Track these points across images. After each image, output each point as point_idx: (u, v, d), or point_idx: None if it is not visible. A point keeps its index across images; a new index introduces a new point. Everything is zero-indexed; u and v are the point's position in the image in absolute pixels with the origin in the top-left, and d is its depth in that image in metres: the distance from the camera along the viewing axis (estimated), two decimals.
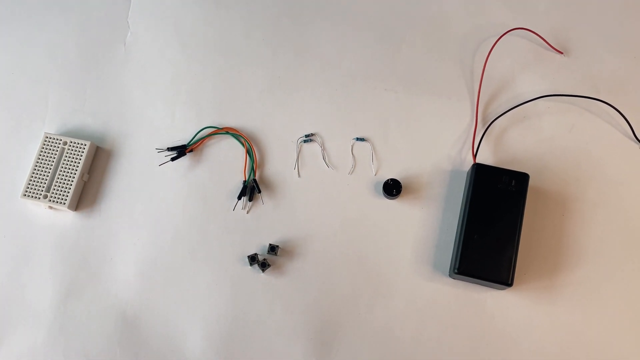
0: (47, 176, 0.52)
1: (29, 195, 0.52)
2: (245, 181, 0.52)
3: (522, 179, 0.48)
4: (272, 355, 0.48)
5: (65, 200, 0.51)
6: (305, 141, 0.54)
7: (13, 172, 0.54)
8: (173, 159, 0.53)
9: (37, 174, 0.52)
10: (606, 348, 0.46)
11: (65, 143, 0.53)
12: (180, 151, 0.53)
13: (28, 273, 0.51)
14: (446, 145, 0.53)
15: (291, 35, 0.57)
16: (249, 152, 0.53)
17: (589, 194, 0.51)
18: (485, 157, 0.52)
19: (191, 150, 0.53)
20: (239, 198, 0.52)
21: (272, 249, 0.50)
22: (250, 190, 0.52)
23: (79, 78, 0.57)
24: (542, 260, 0.49)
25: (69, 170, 0.52)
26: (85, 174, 0.53)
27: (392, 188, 0.50)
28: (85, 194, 0.53)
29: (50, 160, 0.52)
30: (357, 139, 0.53)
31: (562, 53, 0.55)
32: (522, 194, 0.48)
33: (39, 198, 0.51)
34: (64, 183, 0.52)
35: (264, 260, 0.49)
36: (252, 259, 0.49)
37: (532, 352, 0.47)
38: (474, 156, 0.51)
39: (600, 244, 0.49)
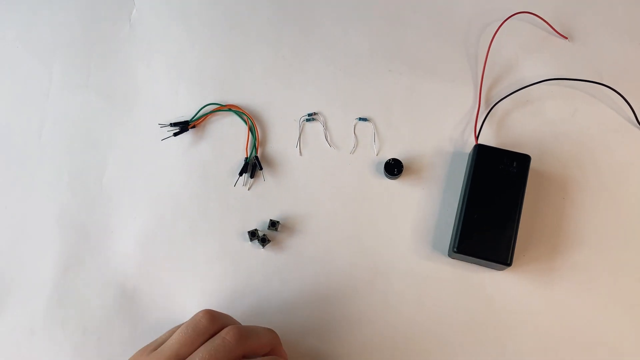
0: None
1: None
2: (247, 158, 0.52)
3: (523, 160, 0.48)
4: None
5: None
6: (307, 120, 0.54)
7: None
8: (176, 134, 0.53)
9: None
10: (603, 331, 0.46)
11: None
12: (183, 127, 0.53)
13: (28, 245, 0.51)
14: (448, 127, 0.53)
15: (297, 15, 0.57)
16: (252, 130, 0.53)
17: (590, 178, 0.51)
18: (488, 140, 0.52)
19: (194, 126, 0.53)
20: (240, 174, 0.52)
21: (273, 224, 0.50)
22: (252, 167, 0.52)
23: (83, 53, 0.57)
24: (542, 243, 0.49)
25: None
26: None
27: (393, 167, 0.51)
28: None
29: None
30: (360, 119, 0.53)
31: (566, 38, 0.55)
32: (523, 176, 0.48)
33: None
34: None
35: (264, 235, 0.49)
36: (252, 234, 0.50)
37: (529, 332, 0.47)
38: (476, 138, 0.51)
39: (600, 228, 0.49)
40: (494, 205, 0.47)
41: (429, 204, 0.51)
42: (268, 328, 0.42)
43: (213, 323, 0.40)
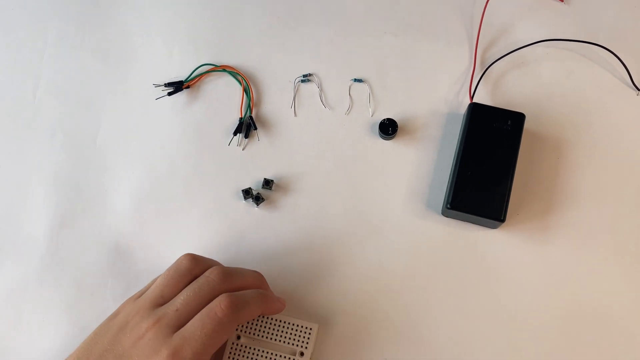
0: None
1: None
2: (241, 118, 0.52)
3: (518, 118, 0.48)
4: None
5: None
6: (302, 81, 0.54)
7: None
8: (170, 94, 0.53)
9: None
10: (596, 287, 0.46)
11: None
12: (177, 87, 0.53)
13: (22, 203, 0.51)
14: (443, 88, 0.53)
15: None
16: (246, 91, 0.53)
17: (585, 139, 0.51)
18: (483, 101, 0.51)
19: (188, 87, 0.53)
20: (235, 134, 0.52)
21: (267, 183, 0.50)
22: (246, 127, 0.52)
23: (78, 14, 0.57)
24: (536, 202, 0.49)
25: None
26: None
27: (387, 127, 0.50)
28: None
29: None
30: (355, 80, 0.53)
31: (562, 1, 0.55)
32: (518, 134, 0.48)
33: None
34: None
35: (258, 194, 0.49)
36: (247, 192, 0.49)
37: (522, 289, 0.47)
38: (471, 98, 0.51)
39: (594, 187, 0.49)
40: (488, 163, 0.47)
41: (423, 164, 0.51)
42: (254, 270, 0.42)
43: (195, 265, 0.40)
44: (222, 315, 0.37)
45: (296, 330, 0.45)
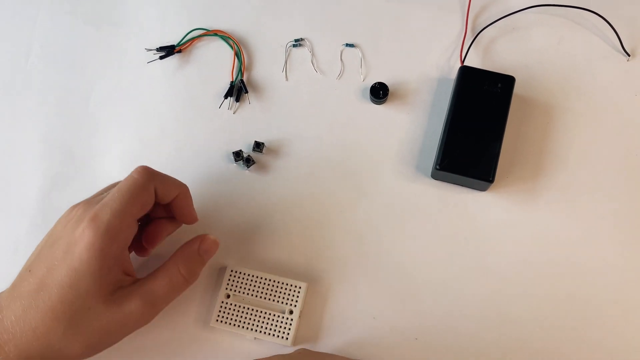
0: None
1: None
2: (232, 82, 0.52)
3: (508, 81, 0.48)
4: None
5: None
6: (294, 46, 0.54)
7: None
8: (162, 58, 0.53)
9: None
10: (583, 248, 0.47)
11: None
12: (169, 51, 0.53)
13: (13, 166, 0.51)
14: (435, 54, 0.53)
15: None
16: (238, 55, 0.53)
17: (575, 105, 0.51)
18: (473, 65, 0.51)
19: (180, 51, 0.53)
20: (226, 97, 0.52)
21: (258, 145, 0.50)
22: (237, 90, 0.52)
23: None
24: (525, 165, 0.49)
25: None
26: None
27: (378, 91, 0.51)
28: None
29: None
30: (347, 45, 0.53)
31: None
32: (507, 96, 0.48)
33: None
34: None
35: (249, 156, 0.49)
36: (237, 155, 0.50)
37: (510, 251, 0.47)
38: (462, 62, 0.51)
39: (582, 152, 0.49)
40: (477, 125, 0.47)
41: (414, 128, 0.51)
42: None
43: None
44: (138, 175, 0.39)
45: (285, 288, 0.45)
